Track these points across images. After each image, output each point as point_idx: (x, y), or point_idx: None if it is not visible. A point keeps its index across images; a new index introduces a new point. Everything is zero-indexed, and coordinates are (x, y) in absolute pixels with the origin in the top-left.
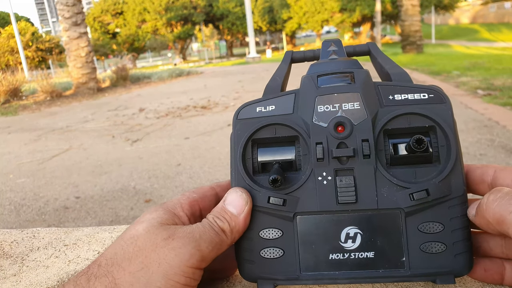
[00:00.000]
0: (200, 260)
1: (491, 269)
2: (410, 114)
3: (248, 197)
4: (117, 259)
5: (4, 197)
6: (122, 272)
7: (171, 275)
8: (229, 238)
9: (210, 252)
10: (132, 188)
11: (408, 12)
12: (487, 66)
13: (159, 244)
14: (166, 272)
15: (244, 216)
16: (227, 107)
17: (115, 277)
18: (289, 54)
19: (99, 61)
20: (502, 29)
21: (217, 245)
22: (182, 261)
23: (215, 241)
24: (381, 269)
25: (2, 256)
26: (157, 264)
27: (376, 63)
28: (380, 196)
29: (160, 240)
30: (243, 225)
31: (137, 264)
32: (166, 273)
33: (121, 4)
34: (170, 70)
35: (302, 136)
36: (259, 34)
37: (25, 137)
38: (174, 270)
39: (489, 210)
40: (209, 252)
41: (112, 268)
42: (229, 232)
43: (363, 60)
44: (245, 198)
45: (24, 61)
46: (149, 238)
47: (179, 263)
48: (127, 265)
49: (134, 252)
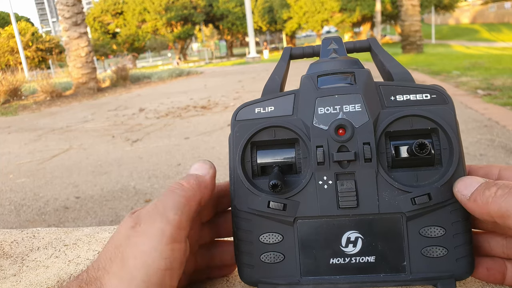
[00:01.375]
0: (174, 232)
1: (493, 268)
2: (412, 116)
3: (211, 163)
4: (101, 263)
5: (4, 197)
6: (107, 275)
7: (150, 263)
8: (196, 193)
9: (181, 217)
10: (132, 188)
11: (408, 12)
12: (487, 66)
13: (130, 234)
14: (144, 262)
15: (210, 176)
16: (227, 107)
17: (103, 283)
18: (288, 51)
19: (99, 61)
20: (502, 29)
21: (185, 206)
22: (155, 242)
23: (181, 203)
24: (382, 273)
25: (2, 256)
26: (133, 257)
27: (377, 60)
28: (381, 200)
29: (129, 230)
30: (211, 183)
31: (117, 263)
32: (144, 264)
33: (121, 4)
34: (170, 70)
35: (302, 139)
36: (259, 34)
37: (25, 137)
38: (151, 256)
39: (494, 205)
40: (179, 218)
41: (98, 273)
42: (196, 186)
43: (364, 60)
44: (208, 163)
45: (24, 61)
46: (121, 233)
47: (153, 246)
48: (110, 266)
49: (113, 252)
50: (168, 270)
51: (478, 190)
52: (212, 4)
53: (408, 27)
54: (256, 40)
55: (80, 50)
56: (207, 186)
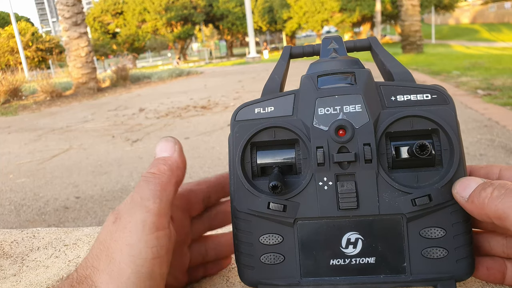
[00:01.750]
0: (156, 221)
1: (493, 268)
2: (413, 117)
3: (174, 139)
4: (89, 261)
5: (4, 197)
6: (97, 272)
7: (136, 255)
8: (170, 177)
9: (160, 205)
10: (132, 188)
11: (408, 12)
12: (487, 66)
13: (112, 230)
14: (131, 255)
15: (177, 153)
16: (227, 107)
17: (94, 280)
18: (287, 50)
19: (99, 61)
20: (502, 29)
21: (163, 191)
22: (138, 233)
23: (157, 190)
24: (382, 274)
25: (2, 256)
26: (119, 251)
27: (377, 59)
28: (381, 201)
29: (111, 226)
30: (181, 160)
31: (104, 259)
32: (131, 256)
33: (121, 4)
34: (170, 70)
35: (302, 140)
36: (259, 34)
37: (25, 137)
38: (137, 248)
39: (491, 206)
40: (159, 206)
41: (88, 272)
42: (168, 171)
43: (364, 60)
44: (171, 140)
45: (24, 61)
46: (104, 229)
47: (137, 237)
48: (98, 264)
49: (99, 249)
50: (156, 258)
51: (475, 191)
52: (212, 4)
53: (408, 27)
54: (256, 40)
55: (80, 50)
56: (178, 166)
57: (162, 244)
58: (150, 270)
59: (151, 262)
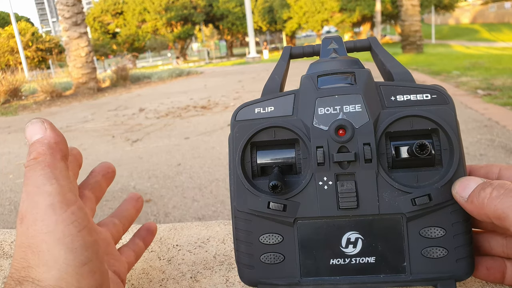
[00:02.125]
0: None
1: (493, 267)
2: (413, 117)
3: (40, 119)
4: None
5: (4, 197)
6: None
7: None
8: (55, 153)
9: (58, 183)
10: (132, 188)
11: (408, 12)
12: (487, 66)
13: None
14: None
15: (49, 130)
16: (227, 107)
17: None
18: (287, 50)
19: (99, 61)
20: (502, 29)
21: (54, 170)
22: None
23: (48, 172)
24: (382, 274)
25: (2, 256)
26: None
27: (377, 59)
28: (381, 201)
29: (20, 227)
30: (56, 134)
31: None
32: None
33: (121, 4)
34: (170, 70)
35: (302, 139)
36: (259, 34)
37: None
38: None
39: (490, 206)
40: (57, 185)
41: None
42: (48, 149)
43: (364, 60)
44: (38, 121)
45: (24, 61)
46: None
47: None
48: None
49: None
50: (82, 230)
51: (475, 191)
52: (212, 4)
53: (408, 27)
54: (256, 40)
55: (80, 50)
56: (56, 141)
57: (80, 216)
58: (82, 243)
59: (79, 235)
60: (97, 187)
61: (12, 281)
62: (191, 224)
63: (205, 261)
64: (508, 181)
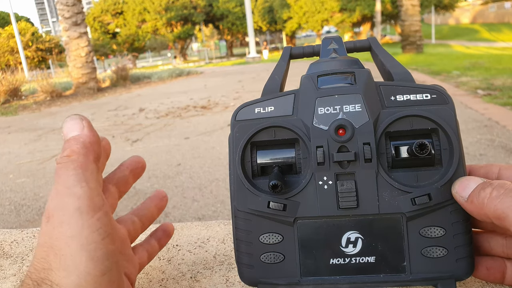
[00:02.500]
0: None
1: (493, 267)
2: (413, 116)
3: (80, 115)
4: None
5: (4, 197)
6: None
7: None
8: (89, 153)
9: (88, 186)
10: (132, 187)
11: (408, 12)
12: (487, 66)
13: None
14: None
15: (86, 128)
16: (227, 107)
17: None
18: (287, 50)
19: (99, 61)
20: (502, 29)
21: (85, 172)
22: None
23: (79, 173)
24: (382, 273)
25: (2, 256)
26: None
27: (377, 60)
28: (381, 200)
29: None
30: (92, 134)
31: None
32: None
33: (121, 4)
34: (170, 70)
35: (302, 139)
36: (259, 34)
37: (25, 137)
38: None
39: (490, 206)
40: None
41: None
42: (83, 149)
43: (364, 60)
44: (77, 117)
45: (24, 61)
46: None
47: (79, 226)
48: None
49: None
50: (106, 238)
51: (475, 191)
52: (212, 4)
53: (408, 27)
54: (256, 40)
55: (80, 50)
56: (91, 141)
57: (105, 222)
58: (105, 251)
59: (102, 243)
60: (123, 182)
61: (31, 281)
62: (191, 224)
63: (205, 261)
64: (508, 181)
